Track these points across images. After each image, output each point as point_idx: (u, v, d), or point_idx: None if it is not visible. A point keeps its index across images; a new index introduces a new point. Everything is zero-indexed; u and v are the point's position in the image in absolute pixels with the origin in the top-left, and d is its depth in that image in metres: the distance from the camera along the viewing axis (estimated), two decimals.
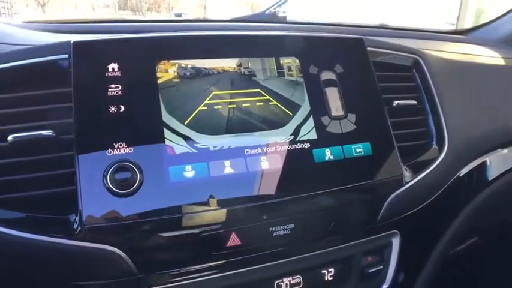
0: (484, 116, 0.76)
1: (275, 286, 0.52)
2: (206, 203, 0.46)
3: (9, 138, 0.44)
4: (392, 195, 0.55)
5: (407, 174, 0.57)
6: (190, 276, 0.48)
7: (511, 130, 0.81)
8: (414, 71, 0.66)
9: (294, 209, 0.49)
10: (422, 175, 0.58)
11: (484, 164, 0.77)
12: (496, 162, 0.81)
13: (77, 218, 0.42)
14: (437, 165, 0.61)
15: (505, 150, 0.82)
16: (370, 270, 0.57)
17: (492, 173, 0.79)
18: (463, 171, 0.71)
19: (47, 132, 0.45)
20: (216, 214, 0.46)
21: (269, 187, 0.48)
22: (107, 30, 0.68)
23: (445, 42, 0.98)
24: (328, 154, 0.52)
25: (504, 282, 1.05)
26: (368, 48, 0.60)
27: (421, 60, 0.66)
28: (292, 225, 0.49)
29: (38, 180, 0.44)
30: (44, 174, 0.44)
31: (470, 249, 0.86)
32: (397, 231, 0.59)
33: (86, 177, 0.43)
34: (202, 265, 0.48)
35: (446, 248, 0.70)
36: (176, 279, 0.48)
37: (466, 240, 0.83)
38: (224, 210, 0.46)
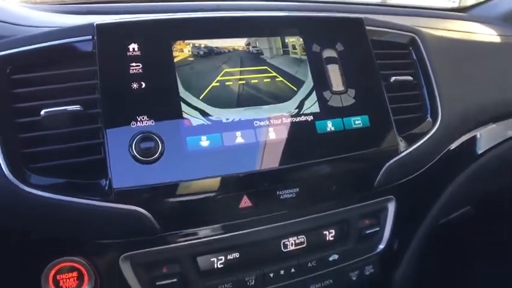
0: (478, 91, 0.80)
1: (282, 245, 0.58)
2: (220, 169, 0.51)
3: (42, 112, 0.49)
4: (388, 164, 0.60)
5: (402, 144, 0.62)
6: (206, 235, 0.54)
7: (503, 105, 0.85)
8: (411, 48, 0.70)
9: (298, 174, 0.55)
10: (416, 145, 0.63)
11: (475, 137, 0.82)
12: (488, 135, 0.85)
13: (107, 183, 0.48)
14: (430, 137, 0.65)
15: (496, 125, 0.86)
16: (367, 232, 0.63)
17: (483, 146, 0.84)
18: (456, 143, 0.76)
19: (75, 107, 0.50)
20: (229, 179, 0.51)
21: (276, 155, 0.54)
22: (122, 10, 0.72)
23: (443, 20, 1.02)
24: (329, 126, 0.57)
25: (494, 251, 1.12)
26: (367, 28, 0.65)
27: (417, 37, 0.70)
28: (297, 190, 0.55)
29: (69, 150, 0.49)
30: (75, 145, 0.50)
31: (462, 218, 0.92)
32: (393, 196, 0.65)
33: (114, 147, 0.48)
34: (217, 225, 0.54)
35: (439, 214, 0.76)
36: (193, 237, 0.54)
37: (459, 208, 0.89)
38: (236, 176, 0.52)
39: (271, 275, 0.57)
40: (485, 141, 0.85)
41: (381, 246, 0.65)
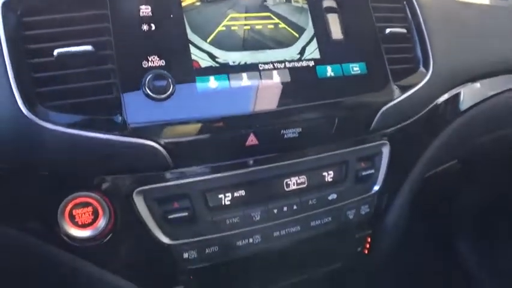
0: (468, 48, 0.84)
1: (284, 184, 0.62)
2: (228, 108, 0.54)
3: (55, 53, 0.51)
4: (384, 108, 0.64)
5: (396, 91, 0.66)
6: (215, 171, 0.57)
7: (491, 63, 0.89)
8: (405, 2, 0.74)
9: (300, 115, 0.58)
10: (410, 93, 0.67)
11: (462, 93, 0.86)
12: (473, 92, 0.90)
13: (122, 119, 0.50)
14: (422, 86, 0.69)
15: (481, 82, 0.91)
16: (363, 174, 0.67)
17: (468, 102, 0.88)
18: (444, 97, 0.80)
19: (88, 47, 0.52)
20: (236, 118, 0.55)
21: (280, 96, 0.57)
22: None
23: None
24: (329, 71, 0.61)
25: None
26: None
27: None
28: (300, 129, 0.58)
29: (84, 90, 0.51)
30: (89, 84, 0.51)
31: (450, 170, 0.97)
32: (387, 142, 0.69)
33: (127, 86, 0.51)
34: (226, 162, 0.57)
35: (429, 163, 0.80)
36: (203, 174, 0.57)
37: (446, 161, 0.94)
38: (243, 115, 0.55)
39: (275, 211, 0.61)
40: (471, 97, 0.89)
41: (376, 188, 0.69)
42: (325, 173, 0.65)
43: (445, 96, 0.80)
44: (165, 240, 0.56)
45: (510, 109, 0.95)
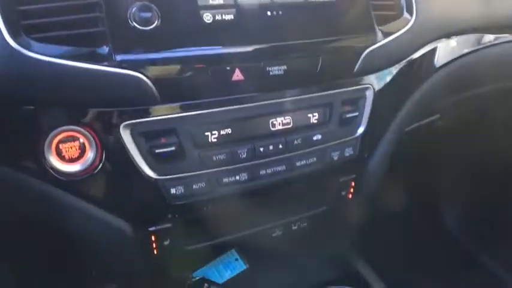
0: (451, 3, 0.85)
1: (270, 124, 0.63)
2: (213, 42, 0.55)
3: None
4: (367, 51, 0.65)
5: (379, 35, 0.67)
6: (202, 108, 0.58)
7: (477, 18, 0.91)
8: None
9: (285, 53, 0.59)
10: (392, 37, 0.68)
11: (444, 45, 0.88)
12: (454, 46, 0.91)
13: (108, 50, 0.50)
14: (405, 32, 0.71)
15: (463, 37, 0.92)
16: (347, 116, 0.68)
17: (449, 55, 0.90)
18: (427, 48, 0.82)
19: None
20: (222, 52, 0.55)
21: (265, 33, 0.58)
22: None
23: None
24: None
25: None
26: None
27: None
28: (285, 67, 0.59)
29: (69, 23, 0.50)
30: (75, 18, 0.51)
31: (431, 126, 1.00)
32: (371, 86, 0.70)
33: (113, 18, 0.51)
34: (212, 98, 0.58)
35: (411, 113, 0.82)
36: (190, 110, 0.57)
37: (428, 115, 0.96)
38: (229, 50, 0.55)
39: (261, 149, 0.62)
40: (450, 52, 0.91)
41: (360, 131, 0.70)
42: (310, 115, 0.66)
43: (427, 49, 0.82)
44: (152, 174, 0.57)
45: (489, 66, 0.98)
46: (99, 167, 0.56)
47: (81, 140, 0.55)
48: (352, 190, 0.78)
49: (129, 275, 0.82)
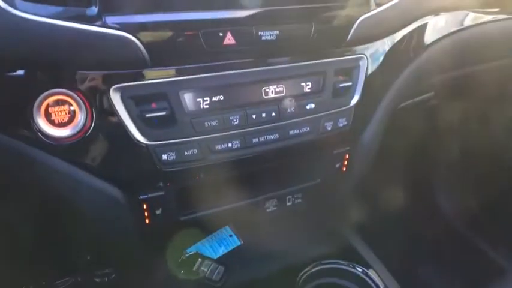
0: None
1: (263, 91, 0.62)
2: (206, 6, 0.54)
3: None
4: (360, 19, 0.65)
5: (373, 4, 0.67)
6: (193, 72, 0.57)
7: None
8: None
9: (277, 17, 0.58)
10: (386, 6, 0.68)
11: (436, 21, 0.87)
12: (447, 22, 0.91)
13: (96, 10, 0.50)
14: (398, 2, 0.70)
15: (453, 15, 0.92)
16: (341, 85, 0.67)
17: (442, 31, 0.90)
18: (419, 22, 0.81)
19: None
20: (214, 16, 0.55)
21: None
22: None
23: None
24: None
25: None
26: None
27: None
28: (277, 32, 0.58)
29: None
30: None
31: (424, 103, 1.00)
32: (364, 56, 0.70)
33: None
34: (204, 63, 0.57)
35: (404, 88, 0.82)
36: (181, 74, 0.56)
37: (422, 92, 0.96)
38: (221, 13, 0.55)
39: (254, 116, 0.61)
40: (442, 28, 0.91)
41: (353, 102, 0.70)
42: (303, 83, 0.65)
43: (418, 24, 0.82)
44: (143, 140, 0.57)
45: (481, 44, 0.98)
46: (89, 132, 0.55)
47: (71, 104, 0.54)
48: (346, 163, 0.78)
49: (123, 256, 0.82)
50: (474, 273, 1.28)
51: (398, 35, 0.76)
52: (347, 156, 0.77)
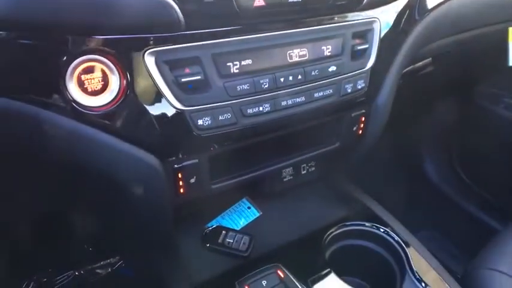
0: None
1: (287, 55, 0.63)
2: None
3: None
4: None
5: None
6: (225, 35, 0.57)
7: None
8: None
9: None
10: None
11: None
12: None
13: None
14: None
15: None
16: (358, 48, 0.70)
17: None
18: None
19: None
20: None
21: None
22: None
23: None
24: None
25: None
26: None
27: None
28: None
29: None
30: None
31: (423, 69, 1.04)
32: (377, 19, 0.72)
33: None
34: (235, 27, 0.58)
35: (410, 52, 0.85)
36: (213, 37, 0.57)
37: (421, 58, 1.00)
38: None
39: (282, 79, 0.62)
40: None
41: (369, 64, 0.72)
42: (323, 47, 0.67)
43: None
44: (179, 106, 0.56)
45: (473, 11, 1.03)
46: (124, 99, 0.54)
47: (104, 71, 0.53)
48: (362, 126, 0.80)
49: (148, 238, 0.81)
50: (467, 236, 1.36)
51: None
52: (363, 119, 0.80)
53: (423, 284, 0.74)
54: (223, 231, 0.81)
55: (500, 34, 1.09)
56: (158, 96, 0.55)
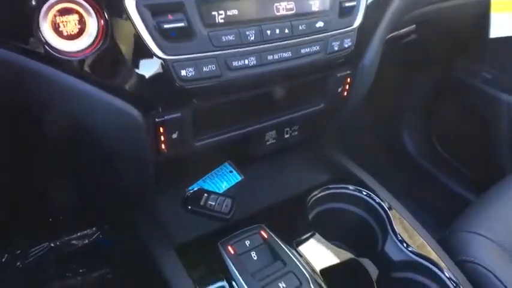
0: None
1: (274, 8, 0.61)
2: None
3: None
4: None
5: None
6: None
7: None
8: None
9: None
10: None
11: None
12: None
13: None
14: None
15: None
16: (346, 5, 0.68)
17: None
18: None
19: None
20: None
21: None
22: None
23: None
24: None
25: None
26: None
27: None
28: None
29: None
30: None
31: (406, 36, 1.04)
32: None
33: None
34: None
35: (395, 17, 0.84)
36: None
37: (406, 24, 1.00)
38: None
39: (268, 32, 0.60)
40: None
41: (356, 23, 0.71)
42: (311, 2, 0.64)
43: None
44: (161, 54, 0.53)
45: None
46: (102, 45, 0.51)
47: (81, 14, 0.49)
48: (347, 87, 0.79)
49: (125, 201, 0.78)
50: (443, 207, 1.39)
51: None
52: (348, 80, 0.79)
53: (405, 245, 0.75)
54: (205, 194, 0.79)
55: (482, 5, 1.10)
56: (139, 43, 0.52)
